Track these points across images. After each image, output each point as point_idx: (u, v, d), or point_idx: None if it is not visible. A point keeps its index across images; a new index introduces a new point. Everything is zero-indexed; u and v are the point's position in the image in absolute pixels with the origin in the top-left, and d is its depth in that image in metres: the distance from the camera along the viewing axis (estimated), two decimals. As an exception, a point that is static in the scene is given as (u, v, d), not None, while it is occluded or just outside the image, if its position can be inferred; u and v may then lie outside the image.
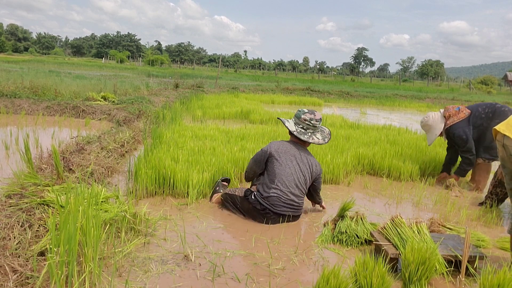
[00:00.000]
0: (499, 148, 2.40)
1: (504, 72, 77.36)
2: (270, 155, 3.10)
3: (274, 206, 2.96)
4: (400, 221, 2.48)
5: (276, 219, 2.97)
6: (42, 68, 18.97)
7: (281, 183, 2.99)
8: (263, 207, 2.95)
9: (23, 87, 8.60)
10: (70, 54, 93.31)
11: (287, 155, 3.09)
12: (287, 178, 3.02)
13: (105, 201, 2.65)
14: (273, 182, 3.00)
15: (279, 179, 3.00)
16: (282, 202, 2.97)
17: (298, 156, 3.11)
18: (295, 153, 3.12)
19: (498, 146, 2.39)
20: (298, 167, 3.08)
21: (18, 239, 2.05)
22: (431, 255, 2.04)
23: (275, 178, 3.01)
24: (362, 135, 5.95)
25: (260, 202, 2.95)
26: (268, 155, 3.10)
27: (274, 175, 3.02)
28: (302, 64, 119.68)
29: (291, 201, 3.00)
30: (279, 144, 3.15)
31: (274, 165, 3.04)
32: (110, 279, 1.98)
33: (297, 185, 3.04)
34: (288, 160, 3.07)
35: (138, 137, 5.36)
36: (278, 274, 2.21)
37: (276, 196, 2.95)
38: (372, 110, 13.55)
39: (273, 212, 2.96)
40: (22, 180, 2.78)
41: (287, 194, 2.98)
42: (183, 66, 58.16)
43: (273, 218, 2.97)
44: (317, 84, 24.32)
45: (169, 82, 15.96)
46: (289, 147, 3.14)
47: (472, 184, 4.32)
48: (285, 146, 3.14)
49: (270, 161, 3.08)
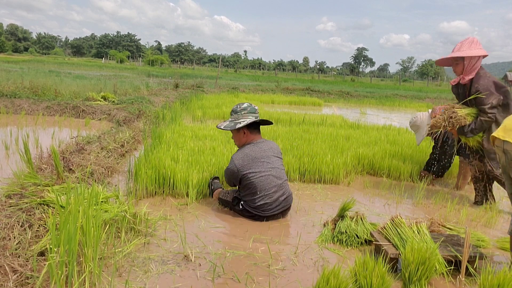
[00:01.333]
0: (499, 154, 2.38)
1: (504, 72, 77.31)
2: (240, 172, 2.95)
3: (264, 212, 2.95)
4: (400, 221, 2.48)
5: (271, 218, 3.01)
6: (42, 68, 18.98)
7: (265, 190, 2.93)
8: (253, 214, 2.98)
9: (23, 87, 8.60)
10: (70, 54, 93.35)
11: (255, 161, 2.96)
12: (269, 184, 2.95)
13: (105, 201, 2.65)
14: (256, 193, 2.93)
15: (260, 189, 2.93)
16: (272, 207, 2.96)
17: (262, 154, 3.01)
18: (258, 153, 3.01)
19: (498, 152, 2.37)
20: (269, 165, 3.00)
21: (18, 239, 2.05)
22: (431, 255, 2.04)
23: (256, 189, 2.93)
24: (362, 135, 5.96)
25: (249, 211, 2.97)
26: (240, 174, 2.96)
27: (254, 186, 2.93)
28: (302, 64, 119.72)
29: (279, 201, 2.98)
30: (242, 157, 2.99)
31: (251, 178, 2.93)
32: (110, 279, 1.98)
33: (279, 178, 3.01)
34: (259, 167, 2.95)
35: (138, 137, 5.36)
36: (278, 274, 2.21)
37: (264, 204, 2.93)
38: (372, 110, 13.55)
39: (265, 216, 2.97)
40: (22, 180, 2.78)
41: (274, 198, 2.95)
42: (183, 66, 58.17)
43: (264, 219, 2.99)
44: (317, 84, 24.32)
45: (169, 82, 15.97)
46: (251, 152, 3.01)
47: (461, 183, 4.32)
48: (248, 155, 3.00)
49: (245, 177, 2.94)
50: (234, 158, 3.03)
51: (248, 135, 3.12)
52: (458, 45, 3.58)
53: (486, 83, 3.44)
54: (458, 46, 3.57)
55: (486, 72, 3.52)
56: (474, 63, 3.52)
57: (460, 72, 3.61)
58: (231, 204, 3.09)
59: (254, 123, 3.12)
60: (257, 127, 3.17)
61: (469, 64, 3.53)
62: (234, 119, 3.14)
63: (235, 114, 3.15)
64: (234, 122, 3.12)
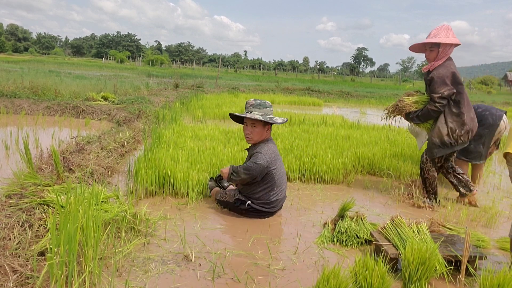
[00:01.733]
0: (509, 169, 2.40)
1: (504, 72, 77.42)
2: (268, 168, 2.99)
3: (275, 208, 3.07)
4: (400, 221, 2.48)
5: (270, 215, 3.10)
6: (42, 68, 18.98)
7: (280, 187, 3.07)
8: (261, 211, 3.02)
9: (23, 87, 8.60)
10: (70, 54, 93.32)
11: (277, 159, 3.09)
12: (283, 180, 3.12)
13: (105, 201, 2.65)
14: (273, 189, 3.03)
15: (278, 184, 3.05)
16: (280, 204, 3.15)
17: (278, 151, 3.18)
18: (276, 150, 3.14)
19: (509, 167, 2.40)
20: (282, 162, 3.20)
21: (18, 239, 2.05)
22: (431, 255, 2.04)
23: (274, 185, 3.03)
24: (362, 135, 5.96)
25: (258, 209, 3.00)
26: (267, 169, 2.99)
27: (274, 182, 3.03)
28: (302, 64, 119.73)
29: (284, 198, 3.19)
30: (271, 153, 3.02)
31: (274, 175, 3.02)
32: (110, 279, 1.98)
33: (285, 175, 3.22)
34: (279, 163, 3.10)
35: (138, 137, 5.36)
36: (278, 274, 2.21)
37: (276, 200, 3.05)
38: (372, 110, 13.55)
39: (273, 212, 3.08)
40: (22, 180, 2.78)
41: (283, 194, 3.14)
42: (183, 66, 58.17)
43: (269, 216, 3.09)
44: (317, 84, 24.32)
45: (169, 82, 15.96)
46: (275, 149, 3.11)
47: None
48: (274, 151, 3.08)
49: (269, 172, 3.00)
50: (264, 153, 2.97)
51: (268, 133, 3.14)
52: (434, 31, 3.55)
53: (444, 73, 3.43)
54: (435, 32, 3.53)
55: (451, 64, 3.51)
56: (447, 50, 3.52)
57: (433, 59, 3.57)
58: (231, 205, 3.09)
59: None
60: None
61: (443, 51, 3.51)
62: (264, 113, 3.06)
63: (264, 109, 3.07)
64: (269, 117, 3.05)
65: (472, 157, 4.14)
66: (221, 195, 3.18)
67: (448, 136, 3.47)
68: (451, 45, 3.51)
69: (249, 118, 3.02)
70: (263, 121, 3.02)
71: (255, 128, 3.05)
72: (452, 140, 3.47)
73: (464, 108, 3.47)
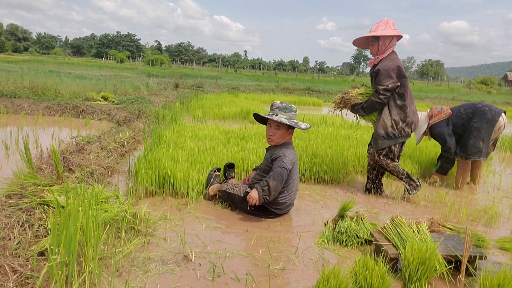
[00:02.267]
0: None
1: (504, 72, 77.42)
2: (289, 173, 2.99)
3: (281, 210, 3.05)
4: (400, 221, 2.48)
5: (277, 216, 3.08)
6: (42, 68, 18.97)
7: (290, 191, 3.05)
8: (268, 211, 3.01)
9: (23, 87, 8.59)
10: (70, 54, 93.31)
11: (296, 164, 3.08)
12: (294, 186, 3.09)
13: (105, 201, 2.65)
14: (283, 192, 3.00)
15: (289, 188, 3.03)
16: (288, 209, 3.12)
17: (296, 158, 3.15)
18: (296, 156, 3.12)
19: None
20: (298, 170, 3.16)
21: (18, 239, 2.05)
22: (431, 255, 2.04)
23: (286, 188, 3.01)
24: (362, 135, 5.96)
25: (266, 208, 2.99)
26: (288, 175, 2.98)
27: (286, 185, 3.01)
28: (302, 64, 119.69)
29: (292, 204, 3.15)
30: (293, 157, 3.03)
31: (288, 179, 3.01)
32: (110, 279, 1.98)
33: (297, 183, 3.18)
34: (296, 169, 3.09)
35: (138, 137, 5.36)
36: (278, 274, 2.21)
37: (284, 203, 3.03)
38: (372, 110, 13.52)
39: (279, 214, 3.07)
40: (22, 180, 2.78)
41: (293, 199, 3.11)
42: (183, 66, 58.15)
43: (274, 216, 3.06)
44: (317, 84, 24.31)
45: (169, 82, 15.96)
46: (295, 155, 3.10)
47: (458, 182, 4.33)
48: (296, 156, 3.10)
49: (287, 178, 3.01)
50: (289, 157, 2.96)
51: (290, 136, 3.15)
52: (374, 26, 3.63)
53: (389, 66, 3.52)
54: (375, 27, 3.62)
55: (396, 57, 3.60)
56: (388, 43, 3.59)
57: (376, 52, 3.66)
58: (239, 198, 3.03)
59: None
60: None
61: (383, 44, 3.60)
62: (289, 117, 3.07)
63: (290, 113, 3.07)
64: (294, 121, 3.07)
65: (472, 153, 4.15)
66: (228, 187, 3.13)
67: (392, 128, 3.62)
68: (392, 37, 3.58)
69: (275, 120, 3.02)
70: (288, 125, 3.04)
71: (279, 130, 3.06)
72: (396, 131, 3.63)
73: (408, 101, 3.61)
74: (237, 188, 3.12)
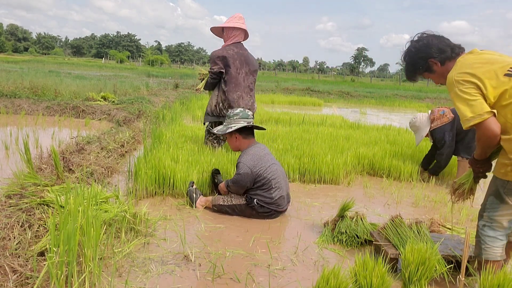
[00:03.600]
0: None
1: (504, 72, 77.10)
2: (254, 172, 2.98)
3: (279, 206, 3.03)
4: (400, 221, 2.48)
5: (279, 214, 3.09)
6: (42, 68, 18.97)
7: (278, 183, 3.03)
8: (269, 210, 2.99)
9: (23, 87, 8.59)
10: (70, 54, 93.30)
11: (263, 160, 3.04)
12: (279, 175, 3.07)
13: (105, 201, 2.65)
14: (272, 187, 2.99)
15: (274, 180, 3.01)
16: (285, 202, 3.09)
17: (264, 151, 3.14)
18: (261, 151, 3.10)
19: None
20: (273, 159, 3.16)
21: (18, 239, 2.05)
22: (431, 255, 2.04)
23: (271, 182, 2.99)
24: (362, 135, 5.96)
25: (266, 207, 2.98)
26: (254, 174, 2.98)
27: (268, 180, 2.99)
28: (302, 64, 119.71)
29: (288, 194, 3.14)
30: (251, 158, 3.02)
31: (264, 174, 3.00)
32: (110, 279, 1.98)
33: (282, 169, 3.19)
34: (267, 162, 3.04)
35: (138, 137, 5.36)
36: (278, 274, 2.21)
37: (280, 197, 3.02)
38: (372, 110, 13.55)
39: (279, 211, 3.06)
40: (22, 180, 2.78)
41: (285, 191, 3.09)
42: (183, 66, 58.19)
43: (276, 216, 3.07)
44: (317, 84, 24.31)
45: (169, 82, 15.97)
46: (258, 151, 3.09)
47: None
48: (256, 154, 3.05)
49: (258, 175, 2.99)
50: (243, 161, 3.01)
51: (240, 140, 3.16)
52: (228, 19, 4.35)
53: (217, 53, 4.20)
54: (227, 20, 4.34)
55: (231, 48, 4.23)
56: (230, 34, 4.28)
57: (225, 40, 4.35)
58: (241, 207, 3.00)
59: (246, 128, 3.16)
60: (250, 132, 3.21)
61: (227, 34, 4.31)
62: (227, 123, 3.20)
63: (228, 119, 3.21)
64: (227, 127, 3.18)
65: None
66: (224, 200, 3.07)
67: (215, 107, 4.28)
68: (233, 29, 4.24)
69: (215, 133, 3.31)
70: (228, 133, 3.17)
71: (227, 139, 3.26)
72: (217, 110, 4.28)
73: (230, 88, 4.22)
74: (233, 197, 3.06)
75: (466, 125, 1.86)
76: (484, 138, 1.85)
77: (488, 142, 1.86)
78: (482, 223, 2.05)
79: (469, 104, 1.84)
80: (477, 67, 1.89)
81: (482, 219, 2.05)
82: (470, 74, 1.88)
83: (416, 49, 2.15)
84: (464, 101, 1.86)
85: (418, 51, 2.14)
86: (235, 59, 4.16)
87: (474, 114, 1.82)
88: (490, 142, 1.85)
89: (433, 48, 2.09)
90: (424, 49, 2.11)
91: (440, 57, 2.08)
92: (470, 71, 1.88)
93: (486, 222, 2.02)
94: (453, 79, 1.92)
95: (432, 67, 2.12)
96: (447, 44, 2.11)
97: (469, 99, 1.84)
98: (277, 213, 3.05)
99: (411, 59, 2.18)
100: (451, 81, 1.93)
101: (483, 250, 2.04)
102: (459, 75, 1.90)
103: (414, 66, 2.18)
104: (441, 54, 2.08)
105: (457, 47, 2.10)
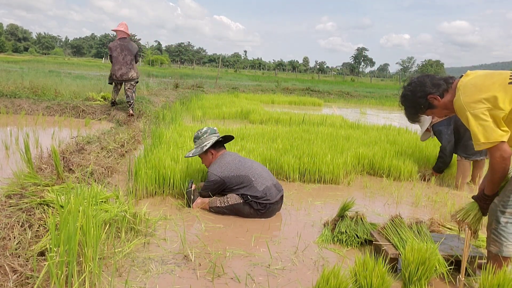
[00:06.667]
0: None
1: (504, 72, 77.14)
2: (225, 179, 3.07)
3: (271, 196, 3.03)
4: (400, 221, 2.48)
5: (275, 207, 3.09)
6: (42, 68, 18.95)
7: (257, 175, 3.09)
8: (264, 204, 2.99)
9: (23, 87, 8.58)
10: (70, 54, 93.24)
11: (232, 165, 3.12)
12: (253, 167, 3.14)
13: (105, 201, 2.65)
14: (252, 181, 3.04)
15: (250, 173, 3.08)
16: (272, 191, 3.07)
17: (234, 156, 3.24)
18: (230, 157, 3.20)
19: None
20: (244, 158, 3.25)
21: (18, 239, 2.05)
22: (431, 255, 2.04)
23: (249, 176, 3.06)
24: (362, 135, 5.95)
25: (259, 202, 2.98)
26: (225, 180, 3.08)
27: (246, 175, 3.06)
28: (302, 64, 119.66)
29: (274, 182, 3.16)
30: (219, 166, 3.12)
31: (239, 173, 3.07)
32: (110, 279, 1.98)
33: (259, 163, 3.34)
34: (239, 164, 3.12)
35: (138, 137, 5.36)
36: (278, 274, 2.21)
37: (265, 188, 3.03)
38: (372, 110, 13.55)
39: (272, 203, 3.03)
40: (22, 180, 2.78)
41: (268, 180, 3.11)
42: (183, 66, 58.17)
43: (273, 210, 3.06)
44: (317, 84, 24.31)
45: (169, 82, 15.96)
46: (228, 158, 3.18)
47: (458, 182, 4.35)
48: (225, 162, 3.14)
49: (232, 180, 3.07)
50: (212, 171, 3.11)
51: (215, 154, 3.27)
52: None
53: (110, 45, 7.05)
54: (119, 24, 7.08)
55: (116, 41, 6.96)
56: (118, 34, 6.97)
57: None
58: (238, 206, 3.01)
59: (217, 142, 3.28)
60: (221, 144, 3.36)
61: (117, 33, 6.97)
62: (199, 144, 3.28)
63: (199, 140, 3.29)
64: (201, 147, 3.26)
65: (472, 153, 4.16)
66: (221, 201, 3.05)
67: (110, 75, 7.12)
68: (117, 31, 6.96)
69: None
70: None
71: (202, 159, 3.36)
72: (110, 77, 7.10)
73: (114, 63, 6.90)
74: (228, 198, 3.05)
75: (477, 148, 1.95)
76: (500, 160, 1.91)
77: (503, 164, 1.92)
78: (504, 220, 2.03)
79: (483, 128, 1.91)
80: (481, 84, 1.97)
81: (504, 216, 2.03)
82: (478, 91, 1.95)
83: (412, 91, 2.22)
84: (477, 125, 1.93)
85: (414, 92, 2.20)
86: (116, 47, 6.84)
87: (486, 141, 1.90)
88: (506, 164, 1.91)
89: (427, 85, 2.16)
90: (420, 88, 2.18)
91: (438, 91, 2.15)
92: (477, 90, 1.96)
93: (509, 219, 2.02)
94: (462, 104, 1.99)
95: (433, 103, 2.18)
96: (439, 78, 2.19)
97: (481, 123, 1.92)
98: (273, 206, 3.03)
99: (411, 101, 2.24)
100: (461, 106, 2.00)
101: (504, 247, 2.04)
102: (467, 98, 1.98)
103: (416, 107, 2.24)
104: (438, 88, 2.15)
105: (448, 78, 2.18)
